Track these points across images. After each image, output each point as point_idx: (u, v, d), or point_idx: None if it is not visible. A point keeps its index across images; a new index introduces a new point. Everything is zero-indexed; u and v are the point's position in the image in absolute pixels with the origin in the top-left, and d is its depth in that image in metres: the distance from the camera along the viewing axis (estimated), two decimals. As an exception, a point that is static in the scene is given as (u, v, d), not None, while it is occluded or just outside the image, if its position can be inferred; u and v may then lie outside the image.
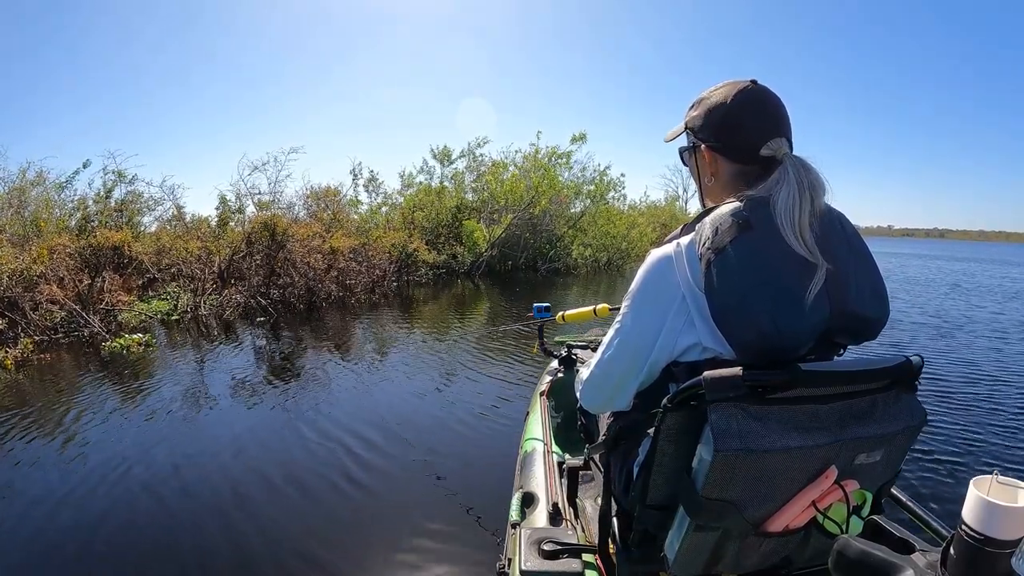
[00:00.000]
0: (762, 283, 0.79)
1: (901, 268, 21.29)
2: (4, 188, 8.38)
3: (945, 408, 3.91)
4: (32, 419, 3.68)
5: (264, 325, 6.90)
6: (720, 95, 0.95)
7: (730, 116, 0.93)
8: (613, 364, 0.97)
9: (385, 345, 5.99)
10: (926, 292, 12.61)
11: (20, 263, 6.24)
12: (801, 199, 0.82)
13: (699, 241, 0.85)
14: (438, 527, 2.39)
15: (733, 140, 0.94)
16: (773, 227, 0.81)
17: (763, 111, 0.93)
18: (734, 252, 0.80)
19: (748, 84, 0.94)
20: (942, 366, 5.17)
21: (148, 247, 8.17)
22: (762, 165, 0.91)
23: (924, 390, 3.31)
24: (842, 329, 0.85)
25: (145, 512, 2.53)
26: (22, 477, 2.87)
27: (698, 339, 0.85)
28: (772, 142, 0.90)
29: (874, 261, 0.90)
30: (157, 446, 3.24)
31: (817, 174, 0.86)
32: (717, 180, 0.98)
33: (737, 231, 0.81)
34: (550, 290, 11.27)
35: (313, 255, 8.74)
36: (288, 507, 2.57)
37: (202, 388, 4.42)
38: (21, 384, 4.55)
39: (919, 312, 9.00)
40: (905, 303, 10.23)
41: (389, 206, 14.18)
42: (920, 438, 1.04)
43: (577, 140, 15.04)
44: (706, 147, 0.97)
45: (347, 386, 4.43)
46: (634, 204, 20.74)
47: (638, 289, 0.92)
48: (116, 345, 5.47)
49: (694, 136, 1.00)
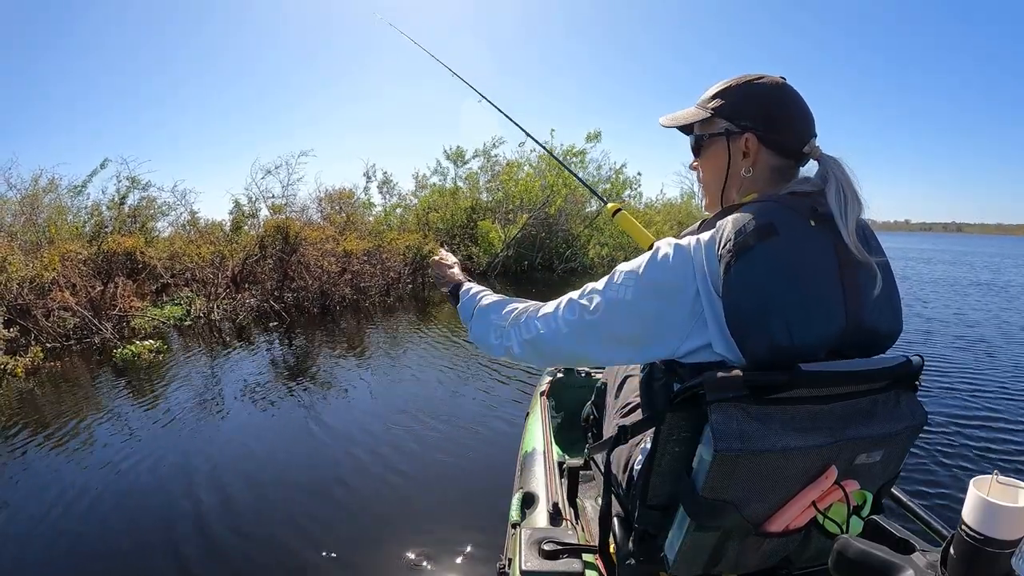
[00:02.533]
0: (782, 294, 0.77)
1: (925, 269, 20.74)
2: (17, 195, 8.33)
3: (945, 408, 3.88)
4: (40, 427, 3.60)
5: (277, 330, 6.77)
6: (765, 86, 0.92)
7: (783, 107, 0.91)
8: (592, 326, 0.89)
9: (395, 348, 5.88)
10: (936, 291, 12.17)
11: (30, 270, 6.15)
12: (849, 197, 0.81)
13: (719, 241, 0.80)
14: (438, 527, 2.40)
15: (784, 132, 0.91)
16: (799, 232, 0.79)
17: (804, 108, 0.92)
18: (756, 258, 0.77)
19: (782, 79, 0.93)
20: (942, 366, 5.08)
21: (162, 252, 8.08)
22: (799, 162, 0.92)
23: (924, 390, 3.13)
24: (853, 344, 0.83)
25: (151, 514, 2.57)
26: (28, 485, 2.87)
27: (708, 341, 0.82)
28: (813, 140, 0.90)
29: (892, 274, 0.88)
30: (166, 451, 3.22)
31: (852, 173, 0.85)
32: (754, 172, 0.93)
33: (762, 235, 0.78)
34: (566, 290, 10.92)
35: (327, 258, 8.59)
36: (288, 507, 2.60)
37: (212, 394, 4.33)
38: (31, 392, 4.44)
39: (920, 311, 8.65)
40: (911, 298, 9.90)
41: (403, 207, 14.03)
42: (920, 438, 1.02)
43: (592, 139, 14.79)
44: (753, 135, 0.92)
45: (354, 390, 4.40)
46: (650, 202, 20.43)
47: (648, 267, 0.84)
48: (127, 352, 5.34)
49: (732, 123, 0.94)
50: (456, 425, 3.58)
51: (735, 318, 0.78)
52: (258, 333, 6.64)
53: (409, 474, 2.92)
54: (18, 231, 7.48)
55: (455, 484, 2.81)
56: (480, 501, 2.60)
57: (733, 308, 0.78)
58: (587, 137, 14.76)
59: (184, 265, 8.03)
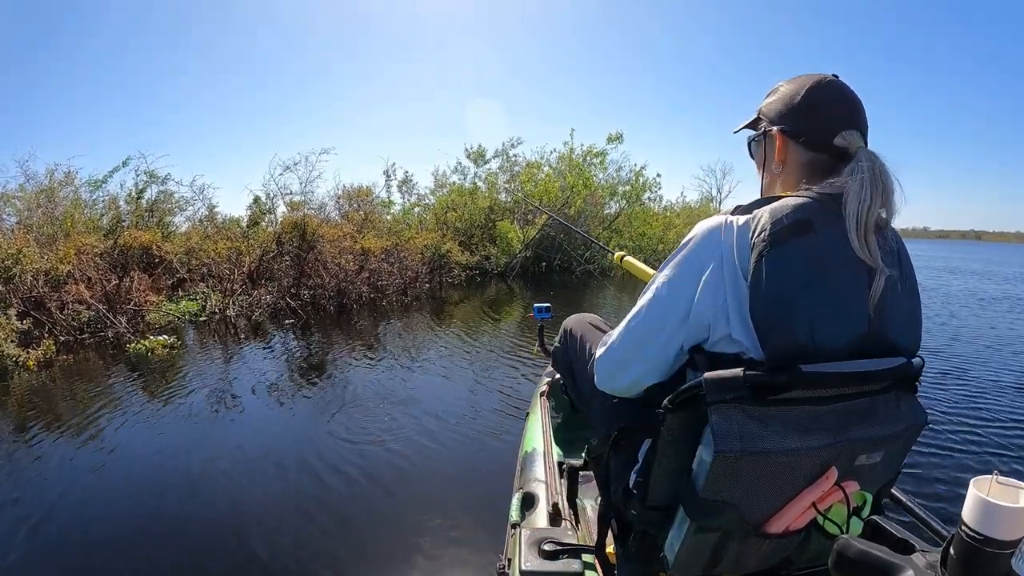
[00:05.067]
0: (810, 292, 0.76)
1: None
2: (33, 188, 8.28)
3: (945, 409, 3.84)
4: (49, 422, 3.50)
5: (293, 328, 6.60)
6: (799, 82, 0.92)
7: (806, 99, 0.90)
8: (639, 328, 0.91)
9: (408, 348, 5.73)
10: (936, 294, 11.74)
11: (45, 262, 6.05)
12: (873, 195, 0.78)
13: (754, 228, 0.79)
14: (438, 527, 2.39)
15: (808, 124, 0.89)
16: (836, 232, 0.78)
17: (839, 99, 0.89)
18: (790, 252, 0.76)
19: (830, 76, 0.91)
20: (942, 367, 5.01)
21: (179, 247, 7.98)
22: (833, 156, 0.87)
23: (924, 391, 3.27)
24: (873, 352, 0.80)
25: (158, 510, 2.54)
26: (37, 479, 2.82)
27: (728, 330, 0.80)
28: (847, 133, 0.86)
29: (917, 288, 0.87)
30: (176, 448, 3.16)
31: (890, 173, 0.82)
32: (786, 168, 0.93)
33: (798, 230, 0.77)
34: (584, 292, 10.84)
35: (344, 256, 8.44)
36: (288, 507, 2.58)
37: (224, 390, 4.20)
38: (43, 386, 4.31)
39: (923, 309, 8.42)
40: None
41: (422, 207, 13.88)
42: (920, 439, 0.97)
43: (613, 140, 14.51)
44: (778, 131, 0.92)
45: (362, 389, 4.30)
46: (669, 205, 20.15)
47: (681, 252, 0.87)
48: (140, 347, 5.20)
49: (767, 121, 0.96)
50: (456, 425, 3.56)
51: (760, 309, 0.76)
52: (273, 330, 6.50)
53: (409, 473, 2.90)
54: (34, 224, 7.40)
55: (455, 484, 2.80)
56: (480, 501, 2.60)
57: (759, 298, 0.76)
58: (608, 138, 14.51)
59: (201, 260, 7.92)
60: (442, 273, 10.86)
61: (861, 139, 0.87)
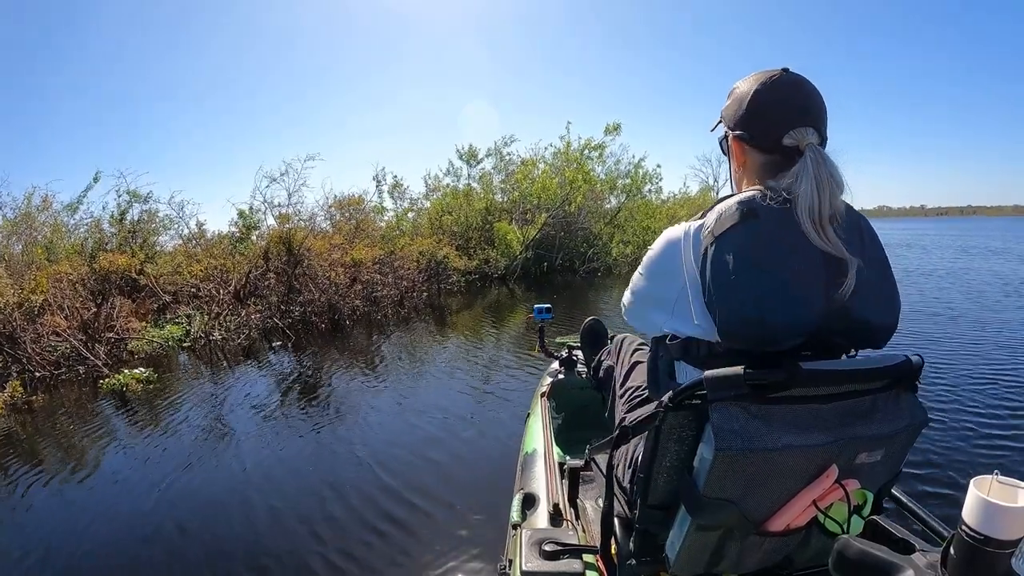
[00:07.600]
0: (756, 271, 0.78)
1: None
2: (12, 214, 7.96)
3: (946, 408, 3.77)
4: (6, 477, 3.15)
5: (282, 349, 6.24)
6: (747, 84, 0.92)
7: (753, 104, 0.90)
8: (632, 309, 1.03)
9: (407, 362, 5.50)
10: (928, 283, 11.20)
11: (13, 295, 5.71)
12: (820, 192, 0.80)
13: (705, 227, 0.84)
14: (439, 528, 2.41)
15: (756, 128, 0.90)
16: (784, 219, 0.80)
17: (788, 99, 0.89)
18: (732, 239, 0.79)
19: (778, 73, 0.90)
20: (942, 365, 4.88)
21: (164, 268, 7.64)
22: (786, 155, 0.87)
23: (925, 390, 3.35)
24: (840, 331, 0.81)
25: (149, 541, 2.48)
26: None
27: (691, 316, 0.85)
28: (796, 131, 0.86)
29: (889, 267, 0.88)
30: (149, 502, 2.82)
31: (835, 168, 0.84)
32: (745, 170, 0.96)
33: (740, 219, 0.80)
34: (589, 292, 10.47)
35: (335, 268, 8.09)
36: (288, 507, 2.63)
37: (206, 427, 3.81)
38: (9, 433, 3.94)
39: (920, 307, 7.91)
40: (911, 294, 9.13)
41: (416, 211, 13.51)
42: (921, 438, 0.90)
43: (611, 132, 14.06)
44: (733, 136, 0.95)
45: (360, 399, 4.26)
46: (671, 196, 19.71)
47: (649, 261, 0.95)
48: (115, 382, 4.84)
49: (725, 126, 0.98)
50: (456, 425, 3.58)
51: (709, 290, 0.80)
52: (263, 353, 6.14)
53: (409, 474, 2.93)
54: (5, 254, 7.08)
55: (456, 485, 2.82)
56: (481, 502, 2.61)
57: (708, 281, 0.80)
58: (606, 130, 14.05)
59: (185, 281, 7.57)
60: (440, 280, 10.49)
61: (814, 134, 0.86)
